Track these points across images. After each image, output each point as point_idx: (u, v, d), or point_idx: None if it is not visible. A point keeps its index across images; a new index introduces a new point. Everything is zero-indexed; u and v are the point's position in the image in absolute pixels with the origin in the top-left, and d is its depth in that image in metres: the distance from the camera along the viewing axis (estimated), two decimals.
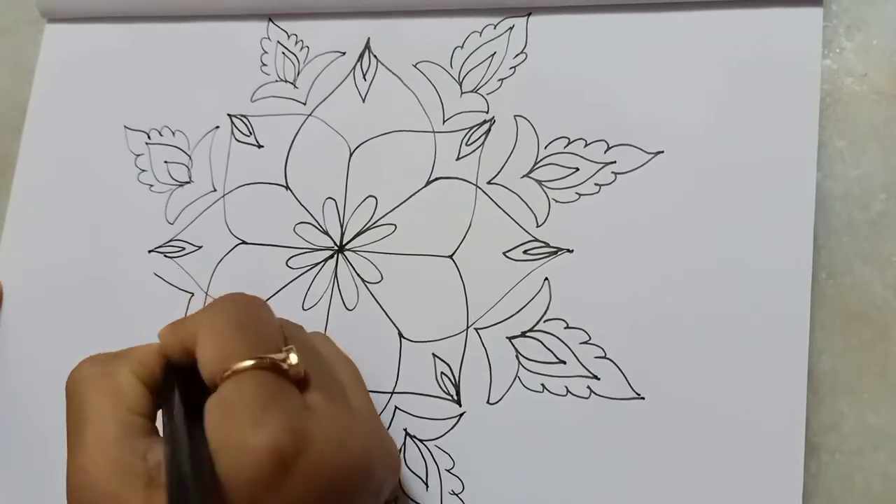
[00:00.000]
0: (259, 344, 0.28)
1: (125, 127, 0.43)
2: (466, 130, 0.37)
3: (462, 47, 0.38)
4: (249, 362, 0.27)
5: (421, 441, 0.35)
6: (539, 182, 0.35)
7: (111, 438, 0.27)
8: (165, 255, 0.40)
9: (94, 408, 0.28)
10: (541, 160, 0.36)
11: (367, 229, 0.38)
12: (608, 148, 0.35)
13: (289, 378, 0.28)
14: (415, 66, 0.38)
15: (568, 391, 0.33)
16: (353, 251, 0.38)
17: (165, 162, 0.42)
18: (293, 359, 0.28)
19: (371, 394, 0.36)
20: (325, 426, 0.27)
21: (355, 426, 0.29)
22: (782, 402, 0.31)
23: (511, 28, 0.37)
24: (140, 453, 0.27)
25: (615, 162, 0.35)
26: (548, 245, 0.35)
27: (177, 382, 0.29)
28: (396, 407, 0.35)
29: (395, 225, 0.37)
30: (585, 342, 0.33)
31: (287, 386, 0.28)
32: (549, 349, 0.34)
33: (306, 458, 0.26)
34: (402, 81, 0.38)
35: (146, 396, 0.29)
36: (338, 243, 0.38)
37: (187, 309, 0.39)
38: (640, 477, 0.32)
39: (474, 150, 0.37)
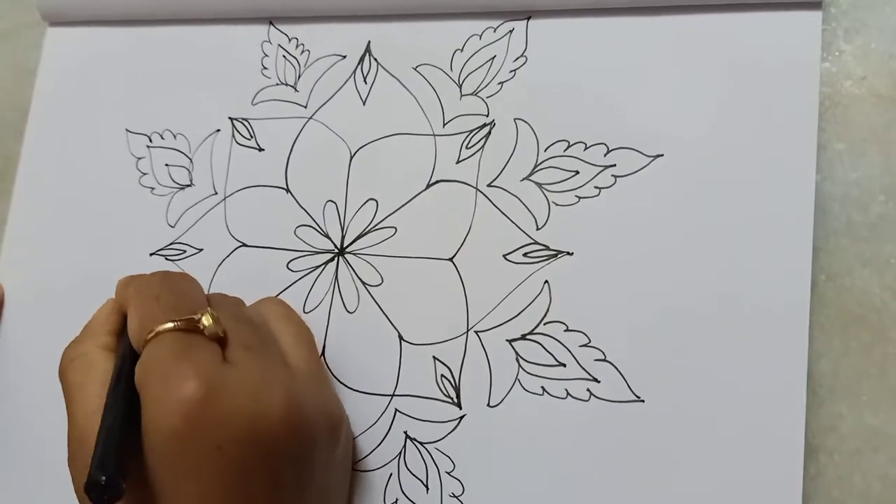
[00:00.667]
0: (176, 308, 0.31)
1: (127, 130, 0.43)
2: (466, 133, 0.37)
3: (462, 50, 0.38)
4: (167, 325, 0.30)
5: (421, 444, 0.35)
6: (539, 185, 0.36)
7: (92, 409, 0.30)
8: (167, 258, 0.41)
9: (76, 388, 0.31)
10: (540, 163, 0.36)
11: (368, 232, 0.38)
12: (608, 151, 0.35)
13: (205, 336, 0.30)
14: (415, 69, 0.38)
15: (568, 394, 0.33)
16: (354, 254, 0.38)
17: (167, 165, 0.42)
18: (207, 318, 0.30)
19: (371, 396, 0.36)
20: (241, 377, 0.29)
21: (279, 378, 0.30)
22: (781, 403, 0.31)
23: (511, 31, 0.37)
24: None
25: (615, 165, 0.35)
26: (548, 248, 0.35)
27: (123, 343, 0.33)
28: (396, 409, 0.35)
29: (395, 228, 0.37)
30: (585, 345, 0.34)
31: (201, 341, 0.30)
32: (548, 352, 0.34)
33: (217, 405, 0.28)
34: (402, 84, 0.39)
35: (114, 362, 0.32)
36: (338, 246, 0.38)
37: None
38: (640, 479, 0.32)
39: (474, 153, 0.37)
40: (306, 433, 0.30)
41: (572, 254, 0.34)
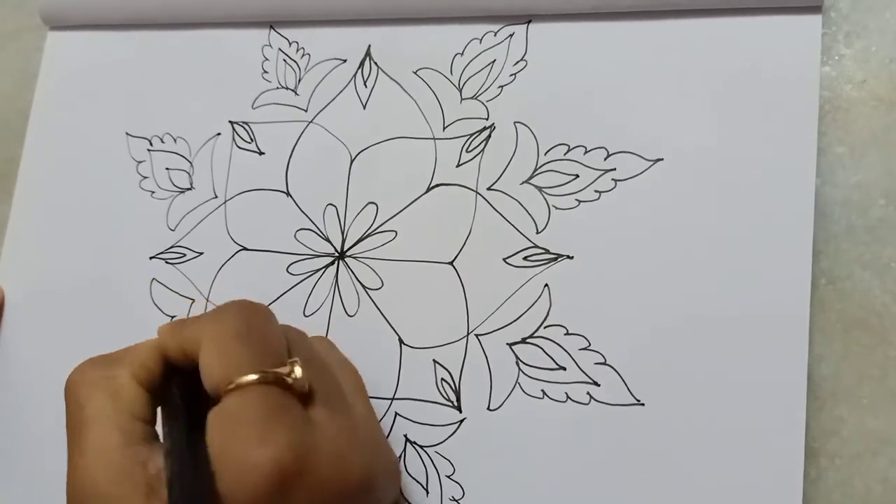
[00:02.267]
0: (263, 356, 0.28)
1: (127, 134, 0.43)
2: (466, 137, 0.37)
3: (462, 54, 0.38)
4: (254, 376, 0.27)
5: (421, 447, 0.35)
6: (539, 188, 0.36)
7: (113, 445, 0.27)
8: (167, 262, 0.41)
9: (96, 412, 0.28)
10: (540, 167, 0.36)
11: (368, 236, 0.38)
12: (608, 155, 0.35)
13: (293, 392, 0.28)
14: (415, 73, 0.39)
15: (568, 397, 0.33)
16: (354, 257, 0.38)
17: (167, 168, 0.42)
18: (298, 372, 0.28)
19: (372, 400, 0.36)
20: (328, 442, 0.27)
21: (358, 440, 0.29)
22: (782, 407, 0.31)
23: (511, 35, 0.37)
24: (141, 461, 0.27)
25: (615, 169, 0.35)
26: (548, 251, 0.35)
27: (177, 385, 0.29)
28: (397, 413, 0.35)
29: (395, 231, 0.37)
30: (585, 348, 0.34)
31: (291, 401, 0.27)
32: (549, 355, 0.34)
33: (308, 476, 0.26)
34: (402, 88, 0.39)
35: (146, 400, 0.29)
36: (338, 250, 0.38)
37: (188, 315, 0.39)
38: (640, 483, 0.32)
39: (474, 157, 0.37)
40: (377, 490, 0.29)
41: (572, 257, 0.34)
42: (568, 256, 0.35)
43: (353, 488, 0.27)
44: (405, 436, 0.35)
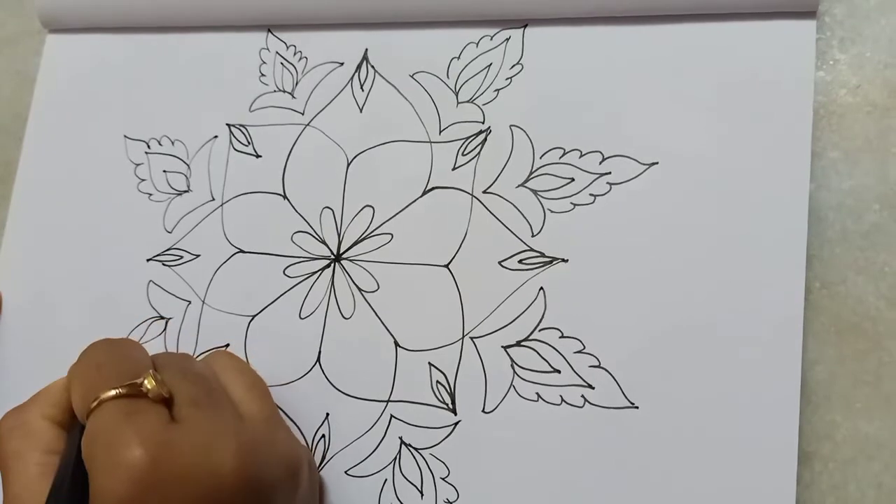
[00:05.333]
0: (117, 377, 0.30)
1: (125, 136, 0.43)
2: (462, 140, 0.37)
3: (459, 58, 0.38)
4: (109, 393, 0.29)
5: (416, 449, 0.35)
6: (534, 192, 0.36)
7: (31, 478, 0.30)
8: (164, 264, 0.41)
9: (14, 454, 0.31)
10: (536, 170, 0.36)
11: (364, 238, 0.38)
12: (603, 159, 0.35)
13: (150, 399, 0.29)
14: (412, 76, 0.39)
15: (563, 400, 0.33)
16: (350, 260, 0.38)
17: (164, 171, 0.42)
18: (150, 380, 0.30)
19: (366, 402, 0.36)
20: (189, 435, 0.28)
21: (231, 431, 0.29)
22: (776, 411, 0.31)
23: (507, 39, 0.38)
24: None
25: (610, 172, 0.35)
26: (543, 255, 0.35)
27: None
28: (392, 415, 0.35)
29: (391, 234, 0.37)
30: (580, 351, 0.34)
31: (145, 405, 0.29)
32: (543, 358, 0.34)
33: (166, 468, 0.27)
34: (399, 92, 0.39)
35: (58, 434, 0.32)
36: (335, 252, 0.38)
37: (184, 317, 0.40)
38: (634, 486, 0.32)
39: (470, 160, 0.37)
40: (264, 482, 0.29)
41: (567, 261, 0.35)
42: (563, 260, 0.35)
43: (228, 477, 0.28)
44: (400, 438, 0.35)
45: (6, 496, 0.30)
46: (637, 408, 0.32)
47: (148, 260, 0.41)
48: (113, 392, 0.29)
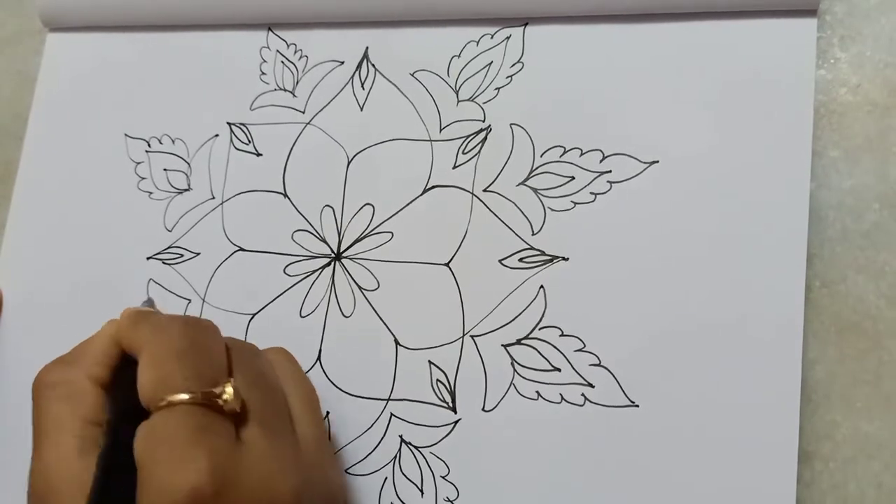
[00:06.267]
0: (197, 376, 0.28)
1: (125, 135, 0.43)
2: (463, 139, 0.37)
3: (459, 56, 0.38)
4: (185, 396, 0.27)
5: (416, 448, 0.35)
6: (535, 190, 0.36)
7: (69, 452, 0.28)
8: (164, 262, 0.41)
9: (53, 418, 0.29)
10: (536, 168, 0.36)
11: (365, 237, 0.38)
12: (604, 157, 0.35)
13: (223, 412, 0.28)
14: (412, 75, 0.39)
15: (563, 398, 0.33)
16: (351, 259, 0.38)
17: (165, 169, 0.42)
18: (228, 393, 0.28)
19: (367, 400, 0.36)
20: (256, 463, 0.27)
21: (291, 462, 0.29)
22: (776, 410, 0.31)
23: (508, 38, 0.38)
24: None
25: (610, 171, 0.35)
26: (543, 253, 0.35)
27: (126, 380, 0.29)
28: (392, 414, 0.35)
29: (392, 233, 0.37)
30: (580, 350, 0.34)
31: (219, 422, 0.28)
32: (544, 357, 0.34)
33: (229, 496, 0.26)
34: (399, 90, 0.39)
35: (102, 399, 0.30)
36: (335, 251, 0.38)
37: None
38: (634, 484, 0.32)
39: (470, 159, 0.37)
40: None
41: (568, 259, 0.35)
42: (563, 258, 0.35)
43: None
44: (400, 436, 0.35)
45: (36, 461, 0.28)
46: (637, 406, 0.32)
47: (148, 258, 0.41)
48: (187, 396, 0.27)
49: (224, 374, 0.29)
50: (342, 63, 0.40)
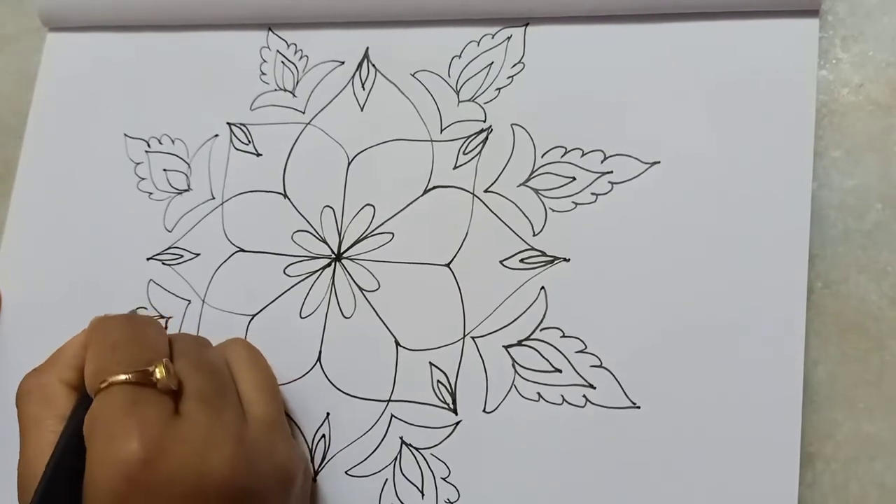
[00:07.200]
0: (131, 361, 0.30)
1: (125, 135, 0.43)
2: (464, 139, 0.37)
3: (460, 57, 0.38)
4: (121, 377, 0.29)
5: (417, 449, 0.35)
6: (536, 191, 0.36)
7: (46, 446, 0.30)
8: (164, 263, 0.41)
9: (33, 419, 0.31)
10: (537, 169, 0.36)
11: (365, 237, 0.38)
12: (605, 158, 0.35)
13: (158, 389, 0.30)
14: (413, 75, 0.39)
15: (564, 400, 0.33)
16: (351, 259, 0.38)
17: (165, 170, 0.42)
18: (161, 371, 0.30)
19: (367, 401, 0.36)
20: (189, 435, 0.29)
21: (230, 435, 0.30)
22: (778, 411, 0.31)
23: (509, 38, 0.37)
24: None
25: (612, 172, 0.35)
26: (544, 254, 0.35)
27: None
28: (392, 415, 0.35)
29: (392, 233, 0.37)
30: (581, 351, 0.34)
31: (153, 396, 0.29)
32: (545, 358, 0.34)
33: (161, 466, 0.27)
34: (400, 91, 0.39)
35: (74, 399, 0.32)
36: (335, 251, 0.38)
37: (184, 316, 0.40)
38: (636, 486, 0.32)
39: (471, 159, 0.37)
40: (253, 492, 0.29)
41: (569, 260, 0.34)
42: (564, 259, 0.35)
43: (219, 482, 0.28)
44: (401, 438, 0.35)
45: (22, 458, 0.31)
46: (639, 408, 0.32)
47: (148, 259, 0.41)
48: (122, 377, 0.29)
49: (161, 356, 0.31)
50: (342, 63, 0.40)
